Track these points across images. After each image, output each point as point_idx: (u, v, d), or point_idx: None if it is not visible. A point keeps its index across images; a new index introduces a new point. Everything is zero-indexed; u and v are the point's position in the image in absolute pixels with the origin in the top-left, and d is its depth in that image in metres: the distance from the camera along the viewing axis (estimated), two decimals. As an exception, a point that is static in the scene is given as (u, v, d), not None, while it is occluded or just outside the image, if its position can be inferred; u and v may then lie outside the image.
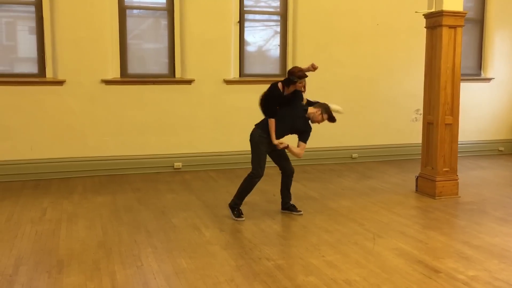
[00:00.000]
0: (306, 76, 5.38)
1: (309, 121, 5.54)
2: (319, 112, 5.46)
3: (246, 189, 5.56)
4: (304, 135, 5.53)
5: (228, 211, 5.65)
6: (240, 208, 5.60)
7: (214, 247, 4.73)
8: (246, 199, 5.72)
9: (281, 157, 5.63)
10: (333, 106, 5.52)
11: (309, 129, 5.55)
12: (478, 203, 6.33)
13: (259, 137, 5.45)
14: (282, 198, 5.84)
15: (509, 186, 7.29)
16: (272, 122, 5.36)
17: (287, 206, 5.80)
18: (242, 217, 5.53)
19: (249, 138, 5.54)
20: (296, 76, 5.32)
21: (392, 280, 4.01)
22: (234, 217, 5.54)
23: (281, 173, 5.73)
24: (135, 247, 4.68)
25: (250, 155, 5.56)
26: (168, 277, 4.04)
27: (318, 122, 5.54)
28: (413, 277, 4.08)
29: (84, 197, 6.42)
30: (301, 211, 5.77)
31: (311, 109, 5.49)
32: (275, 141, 5.36)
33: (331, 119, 5.50)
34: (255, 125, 5.59)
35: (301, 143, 5.52)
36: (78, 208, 5.95)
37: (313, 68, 5.37)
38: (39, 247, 4.67)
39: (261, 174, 5.49)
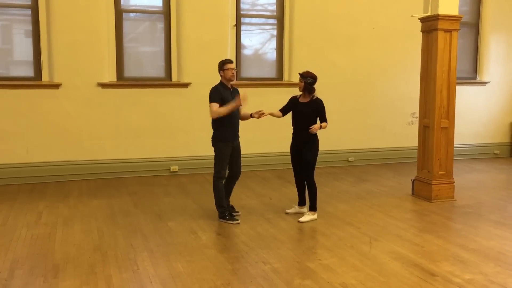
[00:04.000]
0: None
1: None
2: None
3: (219, 194, 5.63)
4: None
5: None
6: (229, 211, 5.64)
7: (210, 251, 4.72)
8: (243, 202, 5.67)
9: (237, 160, 5.72)
10: None
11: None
12: (474, 206, 6.34)
13: (221, 144, 5.56)
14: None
15: (505, 189, 7.32)
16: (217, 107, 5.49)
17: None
18: (237, 220, 5.55)
19: (212, 145, 5.65)
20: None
21: (388, 283, 4.02)
22: (229, 222, 5.54)
23: (229, 176, 5.76)
24: (131, 251, 4.67)
25: (231, 159, 5.66)
26: (164, 281, 4.03)
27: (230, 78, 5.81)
28: (409, 280, 4.08)
29: (80, 201, 6.40)
30: (238, 212, 5.80)
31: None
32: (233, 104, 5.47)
33: None
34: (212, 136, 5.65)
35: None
36: (74, 211, 5.93)
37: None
38: (34, 251, 4.65)
39: (224, 175, 5.65)
